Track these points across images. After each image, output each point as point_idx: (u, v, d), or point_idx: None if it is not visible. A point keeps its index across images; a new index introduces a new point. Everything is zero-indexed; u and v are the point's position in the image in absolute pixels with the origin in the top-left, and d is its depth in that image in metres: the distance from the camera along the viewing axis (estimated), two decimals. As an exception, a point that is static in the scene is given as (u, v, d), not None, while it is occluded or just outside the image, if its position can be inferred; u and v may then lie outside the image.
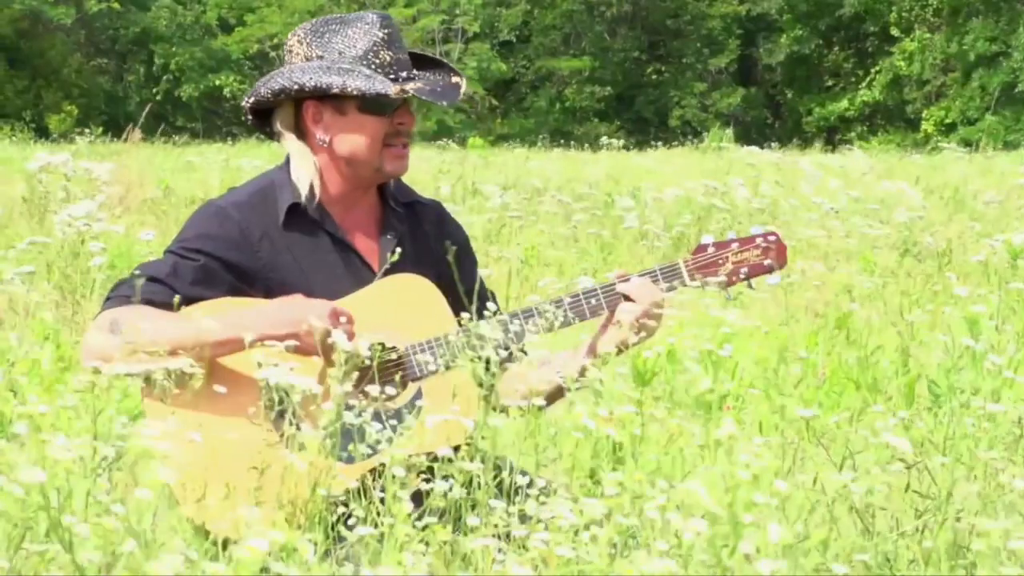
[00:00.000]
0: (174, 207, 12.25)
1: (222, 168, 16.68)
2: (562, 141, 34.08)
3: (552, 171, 18.58)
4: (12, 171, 15.18)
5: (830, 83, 46.48)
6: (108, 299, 3.19)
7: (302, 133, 3.32)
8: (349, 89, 3.21)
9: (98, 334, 3.08)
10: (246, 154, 18.82)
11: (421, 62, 3.39)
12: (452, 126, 43.99)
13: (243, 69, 46.90)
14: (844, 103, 45.02)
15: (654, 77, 48.02)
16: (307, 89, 3.25)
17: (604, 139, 27.52)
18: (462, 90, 3.34)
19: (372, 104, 3.25)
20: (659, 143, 33.34)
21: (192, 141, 29.18)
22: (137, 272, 3.20)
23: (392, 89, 3.22)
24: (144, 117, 14.93)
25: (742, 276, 3.38)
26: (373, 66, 3.26)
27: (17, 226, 10.76)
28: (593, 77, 47.33)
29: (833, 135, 42.21)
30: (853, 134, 42.48)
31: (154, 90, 46.90)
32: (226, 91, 45.17)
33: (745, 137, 34.16)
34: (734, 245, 3.40)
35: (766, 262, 3.39)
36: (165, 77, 47.57)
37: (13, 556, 2.61)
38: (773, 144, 28.70)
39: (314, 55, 3.31)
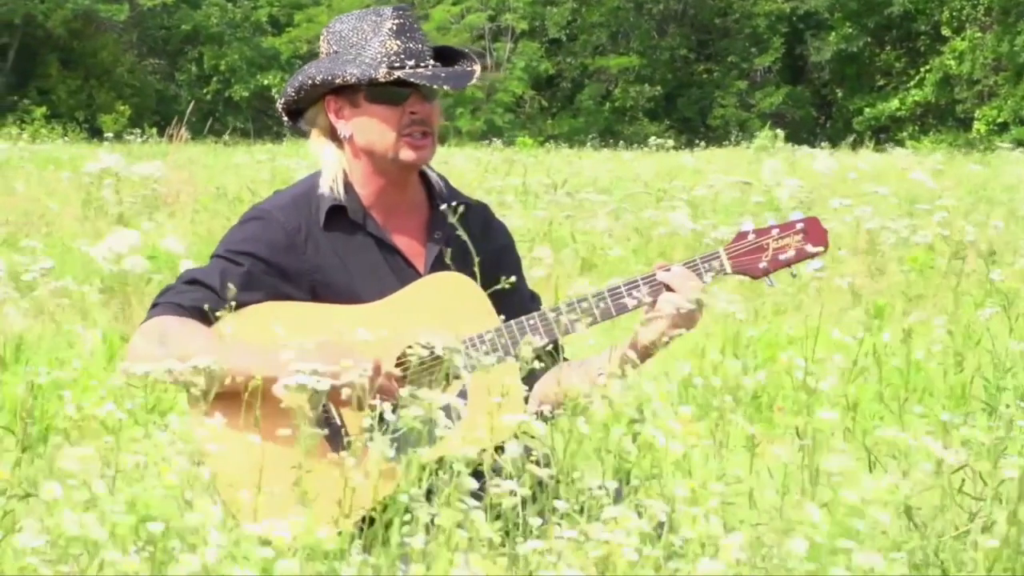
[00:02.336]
0: (224, 207, 12.30)
1: (270, 168, 16.75)
2: (611, 141, 34.03)
3: (601, 171, 18.56)
4: (64, 170, 15.29)
5: (881, 82, 46.18)
6: (156, 304, 3.20)
7: (332, 129, 3.33)
8: (345, 77, 3.23)
9: (146, 343, 3.09)
10: (296, 154, 18.88)
11: (449, 56, 3.38)
12: (501, 126, 43.98)
13: (292, 69, 47.04)
14: (895, 103, 44.72)
15: (704, 76, 47.86)
16: (317, 83, 3.27)
17: (653, 139, 27.42)
18: (473, 78, 3.31)
19: (379, 93, 3.26)
20: (709, 143, 33.19)
21: (242, 141, 29.32)
22: (185, 278, 3.21)
23: (380, 73, 3.22)
24: (195, 117, 15.02)
25: (784, 262, 3.35)
26: (379, 55, 3.25)
27: (71, 228, 10.84)
28: (641, 76, 47.21)
29: (883, 135, 41.94)
30: (904, 134, 42.19)
31: (204, 90, 47.14)
32: (274, 91, 45.35)
33: (794, 137, 33.97)
34: (774, 231, 3.36)
35: (808, 247, 3.35)
36: (215, 78, 47.80)
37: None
38: (823, 144, 28.55)
39: (331, 50, 3.33)
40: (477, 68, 3.34)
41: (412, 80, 3.23)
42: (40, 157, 18.90)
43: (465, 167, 17.85)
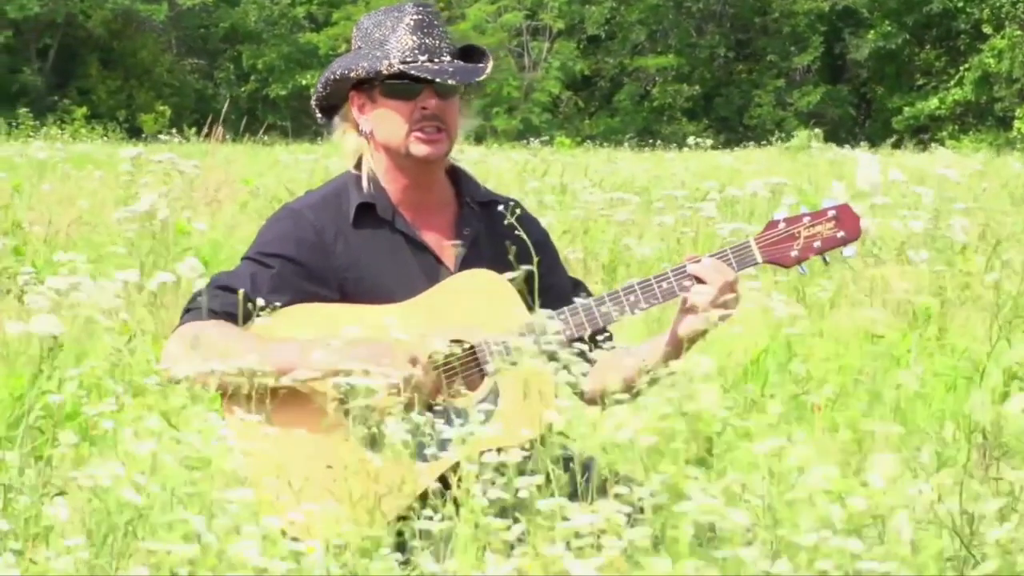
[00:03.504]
0: (261, 206, 12.33)
1: (308, 167, 16.78)
2: (649, 140, 33.96)
3: (639, 170, 18.52)
4: (100, 169, 15.37)
5: (921, 81, 45.96)
6: (188, 310, 3.20)
7: (358, 125, 3.36)
8: (358, 71, 3.27)
9: (180, 346, 3.10)
10: (335, 153, 18.91)
11: (471, 54, 3.38)
12: (538, 126, 43.97)
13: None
14: (934, 102, 44.49)
15: (743, 76, 47.73)
16: (337, 77, 3.31)
17: (692, 139, 27.35)
18: (481, 75, 3.30)
19: (392, 88, 3.27)
20: (749, 143, 33.10)
21: (281, 140, 29.39)
22: (216, 283, 3.21)
23: (384, 66, 3.23)
24: (232, 116, 15.06)
25: (816, 249, 3.32)
26: (394, 50, 3.26)
27: (108, 227, 10.88)
28: (680, 75, 47.13)
29: (923, 134, 41.73)
30: (944, 133, 41.97)
31: (242, 89, 47.34)
32: (311, 90, 45.44)
33: (834, 136, 33.85)
34: (805, 219, 3.33)
35: (839, 234, 3.33)
36: (253, 77, 47.98)
37: (98, 551, 2.63)
38: (862, 143, 28.41)
39: (357, 45, 3.35)
40: (488, 66, 3.33)
41: (414, 73, 3.24)
42: (78, 157, 19.00)
43: (503, 167, 17.84)
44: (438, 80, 3.23)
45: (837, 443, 2.67)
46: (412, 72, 3.23)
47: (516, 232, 3.27)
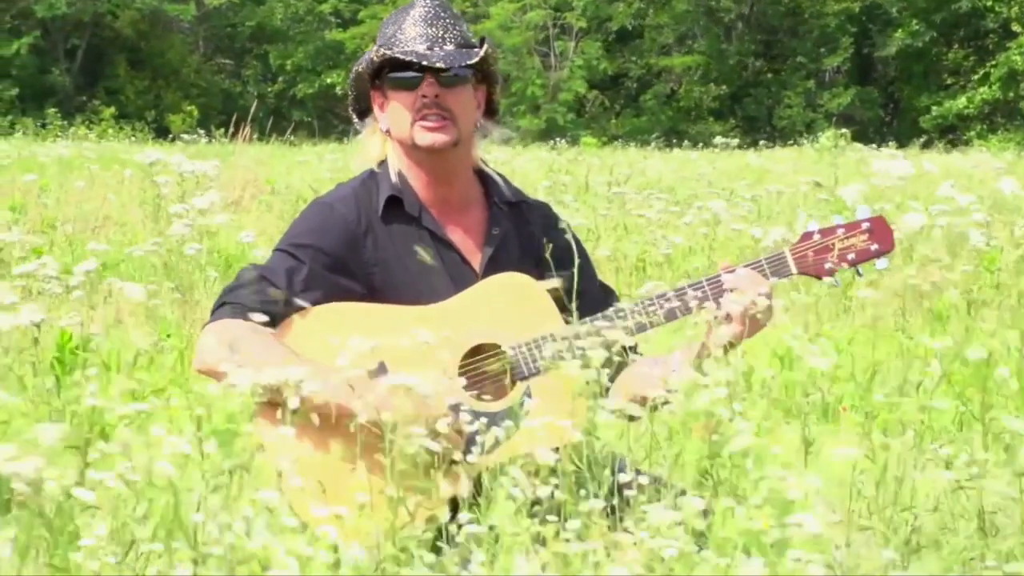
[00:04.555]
0: (286, 205, 12.35)
1: (334, 167, 16.80)
2: (675, 140, 33.91)
3: (664, 170, 18.50)
4: (125, 168, 15.42)
5: (948, 81, 45.80)
6: (224, 304, 3.19)
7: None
8: (361, 65, 3.32)
9: (217, 346, 3.07)
10: (361, 153, 18.81)
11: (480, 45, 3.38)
12: (564, 125, 43.96)
13: (356, 65, 47.25)
14: (962, 101, 44.32)
15: (770, 76, 47.64)
16: (353, 77, 3.35)
17: (719, 139, 27.30)
18: (466, 60, 3.28)
19: (396, 80, 3.29)
20: (774, 143, 33.02)
21: (307, 139, 29.43)
22: (249, 276, 3.20)
23: (377, 54, 3.28)
24: (259, 115, 15.09)
25: (850, 261, 3.32)
26: (393, 41, 3.29)
27: (134, 225, 10.92)
28: (707, 76, 47.06)
29: (951, 134, 41.57)
30: (972, 132, 41.81)
31: (269, 89, 47.46)
32: (338, 89, 45.57)
33: (862, 137, 33.73)
34: (840, 231, 3.32)
35: (873, 246, 3.32)
36: (281, 77, 48.10)
37: (127, 552, 2.62)
38: (890, 143, 28.30)
39: (376, 42, 3.36)
40: (481, 51, 3.32)
41: (400, 57, 3.25)
42: (106, 157, 19.07)
43: (528, 166, 17.84)
44: (424, 64, 3.24)
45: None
46: (398, 56, 3.25)
47: (546, 234, 3.26)
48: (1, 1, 45.64)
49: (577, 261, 3.15)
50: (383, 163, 3.37)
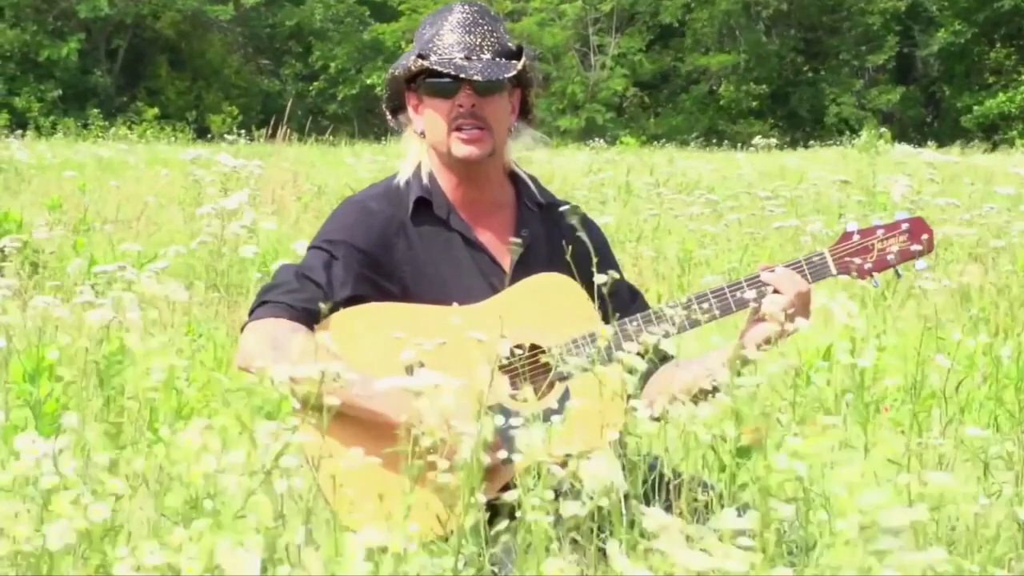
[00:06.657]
0: (326, 205, 12.37)
1: (374, 168, 16.83)
2: (715, 140, 33.83)
3: (704, 170, 18.45)
4: (165, 168, 15.50)
5: (990, 80, 45.55)
6: (263, 303, 3.19)
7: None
8: (398, 69, 3.30)
9: (260, 346, 3.07)
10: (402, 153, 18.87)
11: (520, 54, 3.35)
12: (603, 124, 43.93)
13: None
14: (1004, 100, 44.07)
15: (810, 75, 47.47)
16: (389, 77, 3.34)
17: (758, 139, 27.21)
18: (505, 72, 3.25)
19: (432, 87, 3.26)
20: (814, 142, 32.91)
21: (347, 139, 29.53)
22: (287, 274, 3.20)
23: (411, 61, 3.25)
24: (297, 115, 15.14)
25: (890, 262, 3.30)
26: (430, 48, 3.27)
27: (173, 224, 10.96)
28: (748, 75, 46.94)
29: (993, 133, 41.33)
30: (1014, 132, 41.55)
31: (310, 88, 47.61)
32: (378, 90, 45.70)
33: (903, 136, 33.57)
34: (879, 232, 3.31)
35: (913, 247, 3.30)
36: (322, 77, 48.24)
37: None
38: (930, 143, 28.17)
39: (415, 45, 3.35)
40: (516, 64, 3.29)
41: (438, 68, 3.23)
42: (147, 157, 19.17)
43: (568, 166, 17.83)
44: (462, 76, 3.22)
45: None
46: (435, 67, 3.23)
47: (576, 235, 3.24)
48: (44, 2, 45.97)
49: (597, 259, 3.14)
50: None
